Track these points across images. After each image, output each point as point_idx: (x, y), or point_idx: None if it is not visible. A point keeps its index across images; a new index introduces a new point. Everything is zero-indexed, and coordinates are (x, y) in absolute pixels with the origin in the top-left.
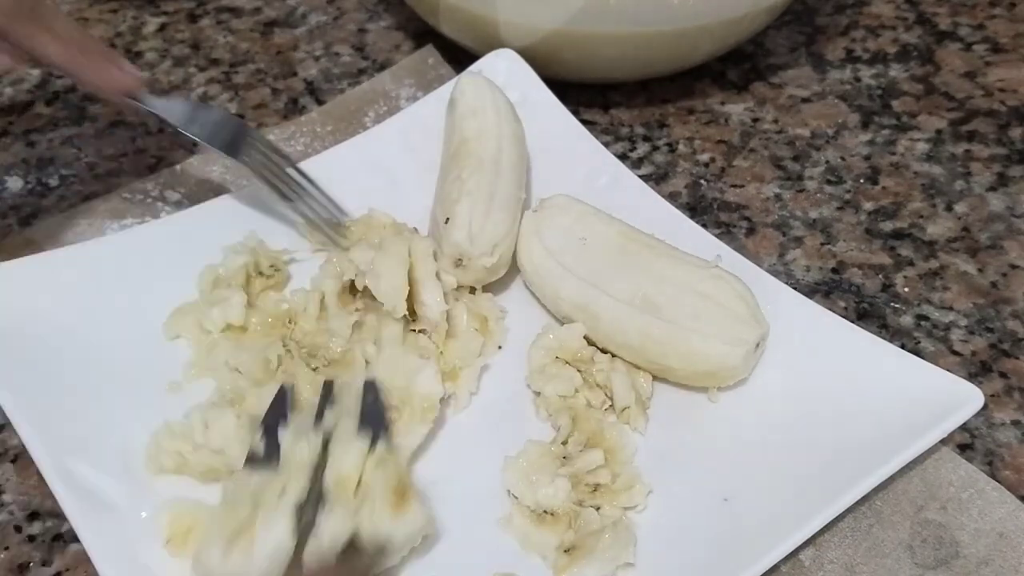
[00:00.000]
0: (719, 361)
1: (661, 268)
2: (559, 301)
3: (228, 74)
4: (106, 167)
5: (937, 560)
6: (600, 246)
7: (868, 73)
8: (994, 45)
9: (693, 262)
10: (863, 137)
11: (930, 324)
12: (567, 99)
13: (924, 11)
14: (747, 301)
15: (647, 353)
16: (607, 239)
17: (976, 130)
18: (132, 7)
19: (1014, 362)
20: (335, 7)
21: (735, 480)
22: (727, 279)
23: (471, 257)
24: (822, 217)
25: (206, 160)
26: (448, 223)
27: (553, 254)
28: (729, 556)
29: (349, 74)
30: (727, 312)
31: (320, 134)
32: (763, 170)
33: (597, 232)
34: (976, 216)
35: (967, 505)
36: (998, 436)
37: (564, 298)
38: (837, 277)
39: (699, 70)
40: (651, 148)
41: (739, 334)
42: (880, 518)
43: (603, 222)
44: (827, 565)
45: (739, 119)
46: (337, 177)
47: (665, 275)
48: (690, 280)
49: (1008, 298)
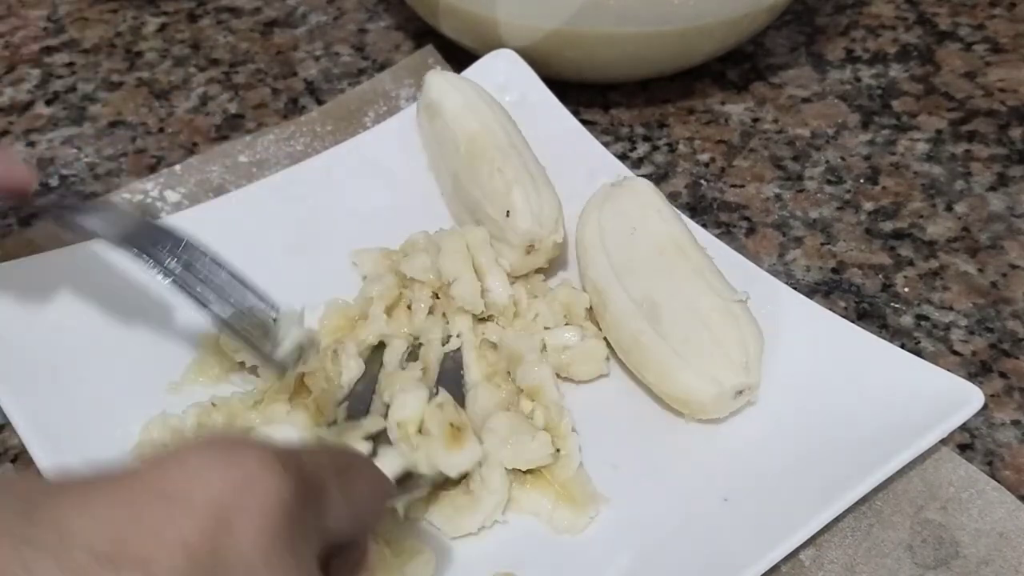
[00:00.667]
0: (687, 392)
1: (682, 282)
2: (585, 277)
3: (228, 74)
4: (106, 167)
5: (937, 560)
6: (643, 241)
7: (868, 73)
8: (994, 45)
9: (719, 289)
10: (863, 137)
11: (930, 324)
12: (567, 99)
13: (924, 11)
14: (747, 349)
15: (632, 358)
16: (653, 237)
17: (976, 130)
18: (132, 7)
19: (1014, 362)
20: (335, 7)
21: (735, 480)
22: (740, 320)
23: (542, 239)
24: (822, 217)
25: (206, 160)
26: (510, 216)
27: (601, 231)
28: (729, 556)
29: (349, 74)
30: (718, 350)
31: (320, 134)
32: (763, 170)
33: (649, 227)
34: (976, 216)
35: (967, 505)
36: (998, 436)
37: (589, 276)
38: (837, 277)
39: (699, 70)
40: (651, 148)
41: (717, 374)
42: (880, 518)
43: (663, 220)
44: (827, 565)
45: (739, 119)
46: (337, 177)
47: (681, 291)
48: (702, 305)
49: (1008, 298)
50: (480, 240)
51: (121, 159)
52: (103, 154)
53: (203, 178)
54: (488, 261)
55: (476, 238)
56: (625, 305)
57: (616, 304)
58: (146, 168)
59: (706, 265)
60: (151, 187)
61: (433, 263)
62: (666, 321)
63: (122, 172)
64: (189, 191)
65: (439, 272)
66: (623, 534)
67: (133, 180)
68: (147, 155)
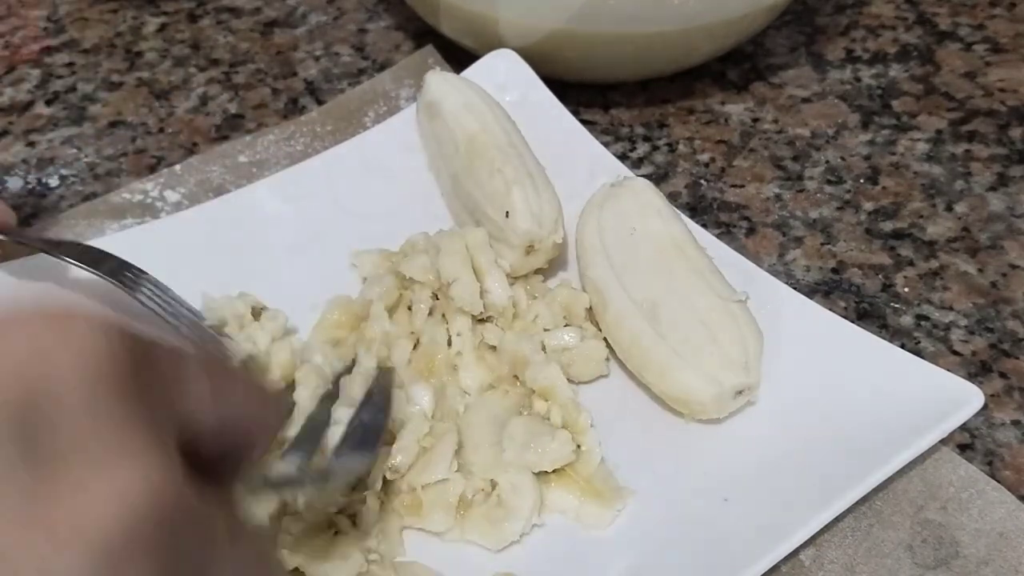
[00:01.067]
0: (686, 392)
1: (683, 283)
2: (585, 277)
3: (228, 74)
4: (106, 167)
5: (937, 560)
6: (643, 241)
7: (868, 73)
8: (994, 45)
9: (719, 290)
10: (863, 137)
11: (930, 324)
12: (567, 99)
13: (924, 11)
14: (747, 348)
15: (632, 358)
16: (654, 237)
17: (976, 130)
18: (132, 7)
19: (1014, 362)
20: (335, 7)
21: (735, 480)
22: (740, 320)
23: (542, 239)
24: (822, 217)
25: (206, 160)
26: (510, 216)
27: (601, 231)
28: (729, 556)
29: (349, 74)
30: (718, 350)
31: (320, 134)
32: (763, 170)
33: (649, 228)
34: (976, 216)
35: (967, 505)
36: (998, 436)
37: (589, 277)
38: (837, 277)
39: (699, 70)
40: (651, 148)
41: (717, 374)
42: (880, 518)
43: (663, 220)
44: (827, 565)
45: (739, 119)
46: (337, 177)
47: (681, 291)
48: (702, 305)
49: (1008, 298)
50: (479, 241)
51: (121, 159)
52: (103, 154)
53: (203, 178)
54: (487, 262)
55: (476, 239)
56: (625, 305)
57: (616, 304)
58: (146, 168)
59: (706, 265)
60: (151, 187)
61: (433, 264)
62: (666, 321)
63: (122, 172)
64: (189, 191)
65: (438, 273)
66: (623, 534)
67: (133, 180)
68: (147, 155)
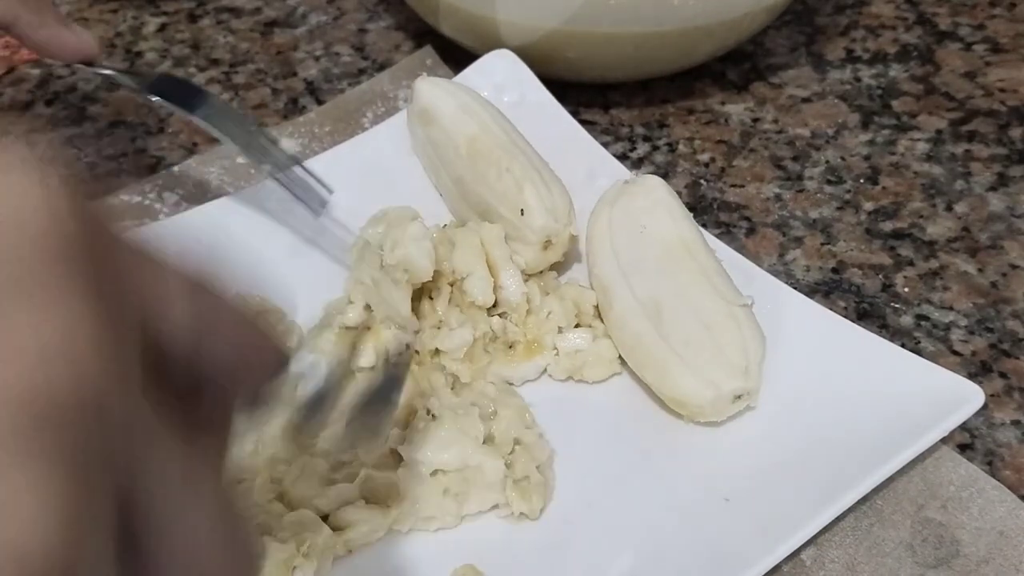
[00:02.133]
0: (684, 394)
1: (688, 284)
2: (592, 274)
3: (228, 74)
4: (106, 167)
5: (938, 559)
6: (652, 240)
7: (868, 73)
8: (994, 45)
9: (724, 293)
10: (863, 137)
11: (930, 324)
12: (567, 99)
13: (924, 11)
14: (748, 354)
15: (633, 358)
16: (663, 236)
17: (976, 130)
18: (132, 7)
19: (1014, 362)
20: (335, 7)
21: (735, 480)
22: (742, 324)
23: (558, 233)
24: (822, 217)
25: (204, 161)
26: (524, 214)
27: (611, 229)
28: (731, 556)
29: (349, 74)
30: (719, 353)
31: (318, 135)
32: (763, 170)
33: (659, 226)
34: (976, 216)
35: (967, 504)
36: (998, 436)
37: (596, 274)
38: (837, 277)
39: (699, 70)
40: (651, 148)
41: (716, 378)
42: (881, 517)
43: (673, 220)
44: (828, 564)
45: (739, 119)
46: (335, 178)
47: (686, 292)
48: (706, 308)
49: (1008, 298)
50: (495, 236)
51: (121, 159)
52: (103, 154)
53: (202, 179)
54: (502, 257)
55: (491, 234)
56: (630, 304)
57: (621, 303)
58: (146, 168)
59: (713, 268)
60: (148, 189)
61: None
62: (668, 322)
63: (122, 172)
64: (188, 192)
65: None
66: (624, 534)
67: (133, 180)
68: (147, 155)
